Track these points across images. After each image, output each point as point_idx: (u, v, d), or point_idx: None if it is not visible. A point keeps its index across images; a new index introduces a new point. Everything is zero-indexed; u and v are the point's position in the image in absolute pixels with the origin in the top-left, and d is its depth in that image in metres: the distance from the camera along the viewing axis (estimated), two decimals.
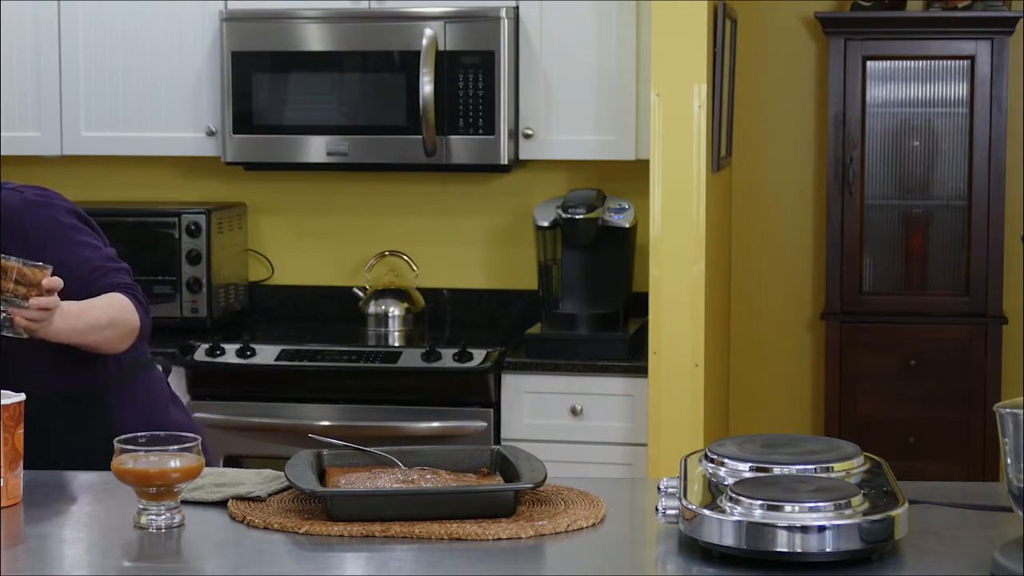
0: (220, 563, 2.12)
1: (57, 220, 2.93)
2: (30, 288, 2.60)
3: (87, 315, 2.78)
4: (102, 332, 2.81)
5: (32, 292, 2.60)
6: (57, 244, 2.86)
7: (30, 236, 2.86)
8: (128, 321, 2.86)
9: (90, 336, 2.79)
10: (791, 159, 5.08)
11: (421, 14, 4.38)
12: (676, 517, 2.11)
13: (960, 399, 4.77)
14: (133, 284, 2.94)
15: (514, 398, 4.25)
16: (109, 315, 2.82)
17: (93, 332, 2.79)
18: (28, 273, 2.60)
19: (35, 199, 2.95)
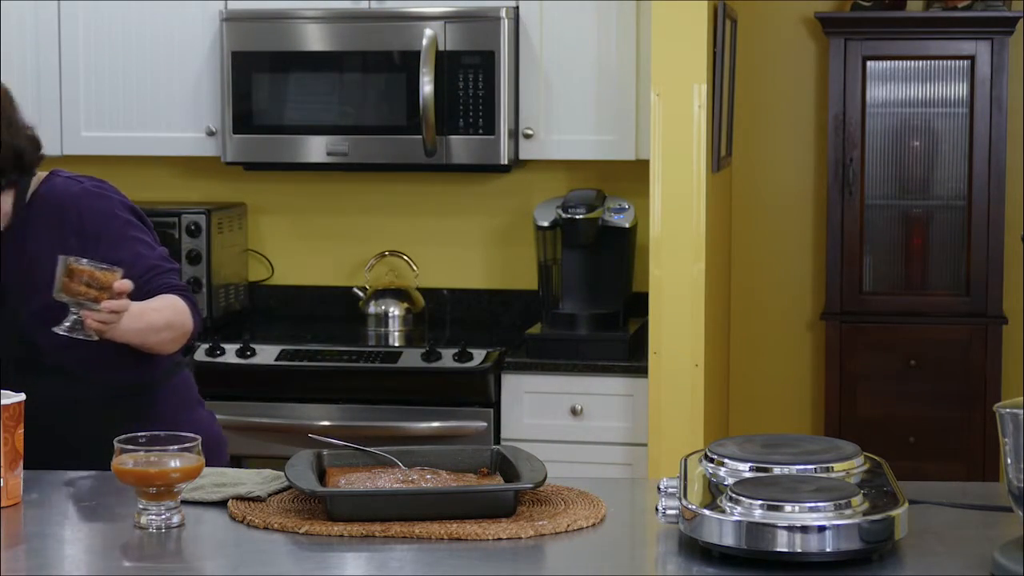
0: (220, 563, 2.12)
1: (114, 214, 2.92)
2: (101, 291, 2.59)
3: (147, 317, 2.77)
4: (160, 334, 2.81)
5: (103, 295, 2.60)
6: (112, 239, 2.85)
7: (86, 227, 2.85)
8: (183, 324, 2.86)
9: (150, 337, 2.80)
10: (791, 159, 5.08)
11: (421, 14, 4.38)
12: (676, 517, 2.11)
13: (960, 399, 4.77)
14: (186, 286, 2.94)
15: (514, 398, 4.25)
16: (166, 317, 2.82)
17: (152, 334, 2.80)
18: (100, 276, 2.59)
19: (94, 190, 2.95)
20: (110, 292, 2.60)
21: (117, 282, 2.61)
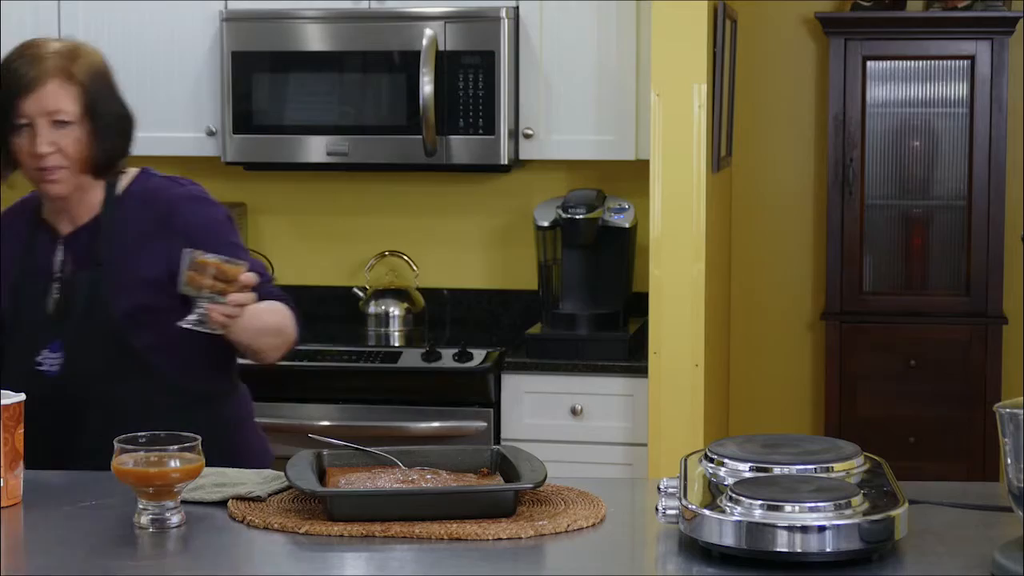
0: (220, 563, 2.12)
1: (219, 220, 2.91)
2: (228, 284, 2.57)
3: (263, 318, 2.75)
4: (271, 338, 2.80)
5: (230, 288, 2.58)
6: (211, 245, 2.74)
7: (192, 231, 2.81)
8: (290, 333, 2.85)
9: (262, 340, 2.78)
10: (791, 159, 5.08)
11: (421, 14, 4.38)
12: (676, 517, 2.11)
13: (960, 399, 4.77)
14: (288, 298, 2.90)
15: (514, 398, 4.25)
16: (278, 323, 2.81)
17: (264, 336, 2.78)
18: (227, 269, 2.58)
19: (198, 194, 2.93)
20: (236, 285, 2.58)
21: (243, 275, 2.59)
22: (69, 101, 2.78)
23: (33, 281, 2.84)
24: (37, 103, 2.76)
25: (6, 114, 2.78)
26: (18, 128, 2.78)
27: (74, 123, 2.78)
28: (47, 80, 2.77)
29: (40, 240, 2.87)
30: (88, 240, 2.84)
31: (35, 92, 2.76)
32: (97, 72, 2.87)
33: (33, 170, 2.80)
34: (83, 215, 2.87)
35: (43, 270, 2.84)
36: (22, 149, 2.79)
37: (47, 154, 2.77)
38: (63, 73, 2.79)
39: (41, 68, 2.78)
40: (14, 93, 2.77)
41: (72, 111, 2.78)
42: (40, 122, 2.77)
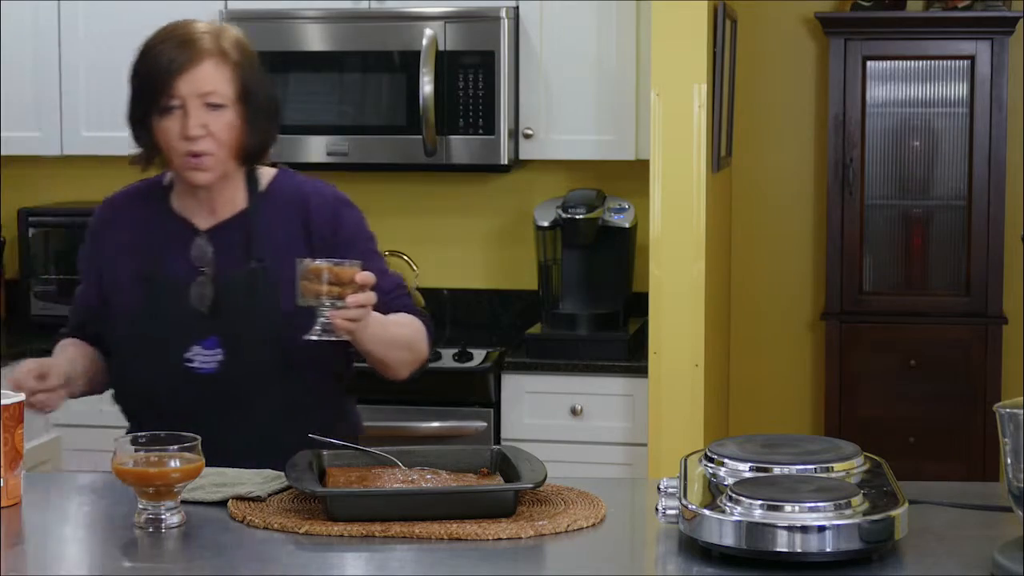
0: (220, 563, 2.12)
1: (363, 226, 2.82)
2: (344, 287, 2.49)
3: (392, 330, 2.66)
4: (400, 352, 2.70)
5: (347, 290, 2.49)
6: (359, 251, 2.69)
7: (340, 234, 2.74)
8: (421, 349, 2.75)
9: (391, 352, 2.68)
10: (791, 159, 5.08)
11: (421, 14, 4.38)
12: (676, 517, 2.11)
13: (960, 399, 4.77)
14: (425, 312, 2.81)
15: (514, 398, 4.25)
16: (409, 337, 2.71)
17: (395, 349, 2.68)
18: (340, 272, 2.49)
19: (345, 198, 2.83)
20: (353, 287, 2.49)
21: (359, 275, 2.50)
22: (224, 83, 2.67)
23: (172, 274, 2.72)
24: (191, 83, 2.65)
25: (156, 95, 2.67)
26: (168, 110, 2.67)
27: (227, 106, 2.67)
28: (202, 60, 2.66)
29: (174, 231, 2.75)
30: (237, 236, 2.73)
31: (189, 72, 2.65)
32: (249, 54, 2.76)
33: (180, 155, 2.68)
34: (224, 209, 2.75)
35: (183, 264, 2.72)
36: (170, 132, 2.67)
37: (198, 137, 2.65)
38: (218, 53, 2.68)
39: (196, 48, 2.67)
40: (167, 72, 2.65)
41: (226, 93, 2.67)
42: (192, 103, 2.65)
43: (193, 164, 2.67)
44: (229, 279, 2.70)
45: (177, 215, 2.78)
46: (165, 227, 2.77)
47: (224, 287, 2.70)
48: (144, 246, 2.76)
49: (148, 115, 2.71)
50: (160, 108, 2.68)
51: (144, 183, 2.88)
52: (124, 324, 2.72)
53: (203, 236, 2.74)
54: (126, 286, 2.74)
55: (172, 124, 2.67)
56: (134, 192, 2.89)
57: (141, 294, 2.72)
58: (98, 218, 2.87)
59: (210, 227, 2.75)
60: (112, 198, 2.90)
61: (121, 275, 2.75)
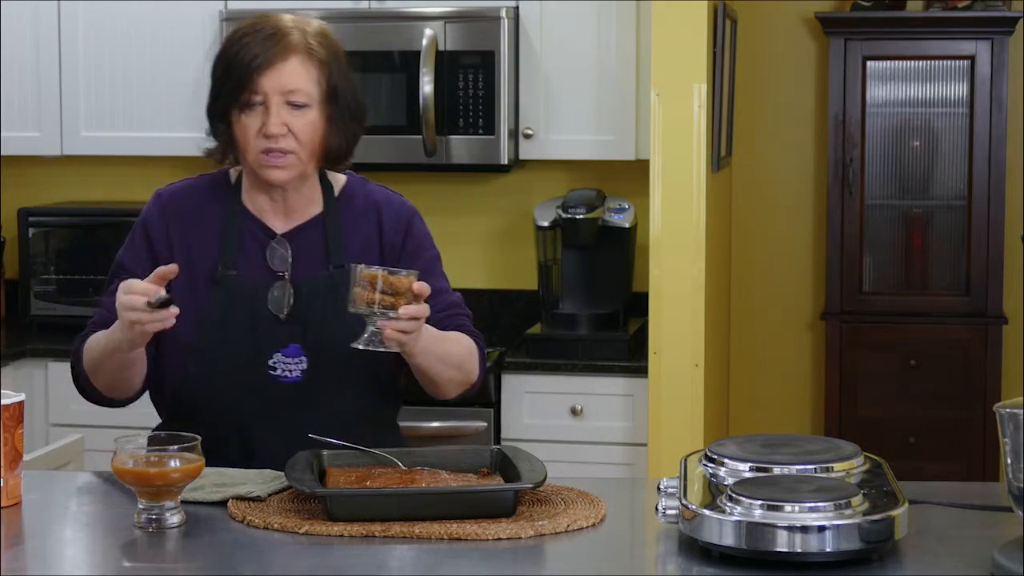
0: (220, 563, 2.12)
1: (430, 239, 2.75)
2: (397, 297, 2.40)
3: (444, 345, 2.58)
4: (450, 370, 2.61)
5: (400, 301, 2.40)
6: (423, 263, 2.64)
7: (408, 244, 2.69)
8: (471, 371, 2.67)
9: (441, 369, 2.60)
10: (791, 159, 5.08)
11: (421, 14, 4.38)
12: (676, 517, 2.11)
13: (960, 399, 4.77)
14: (480, 336, 2.72)
15: (514, 398, 4.25)
16: (461, 357, 2.63)
17: (445, 366, 2.60)
18: (395, 281, 2.41)
19: (414, 208, 2.77)
20: (407, 297, 2.41)
21: (415, 284, 2.42)
22: (309, 81, 2.57)
23: (247, 278, 2.62)
24: (275, 79, 2.54)
25: (237, 89, 2.56)
26: (249, 106, 2.56)
27: (311, 106, 2.57)
28: (289, 56, 2.56)
29: (247, 232, 2.65)
30: (314, 240, 2.65)
31: (274, 68, 2.55)
32: (337, 53, 2.64)
33: (257, 152, 2.58)
34: (300, 212, 2.67)
35: (257, 267, 2.63)
36: (249, 128, 2.57)
37: (277, 135, 2.56)
38: (306, 50, 2.58)
39: (284, 43, 2.56)
40: (251, 67, 2.54)
41: (311, 92, 2.57)
42: (275, 100, 2.55)
43: (270, 161, 2.58)
44: (309, 284, 2.61)
45: (250, 215, 2.67)
46: (237, 227, 2.66)
47: (304, 292, 2.61)
48: (214, 246, 2.65)
49: (228, 109, 2.59)
50: (241, 103, 2.57)
51: (206, 178, 2.75)
52: (191, 328, 2.58)
53: (280, 239, 2.65)
54: (195, 287, 2.62)
55: (253, 120, 2.57)
56: (197, 187, 2.73)
57: (212, 297, 2.62)
58: (153, 213, 2.70)
59: (288, 230, 2.66)
60: (170, 192, 2.73)
61: (188, 275, 2.61)
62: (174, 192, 2.73)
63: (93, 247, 4.63)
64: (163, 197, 2.72)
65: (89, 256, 4.63)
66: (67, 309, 4.63)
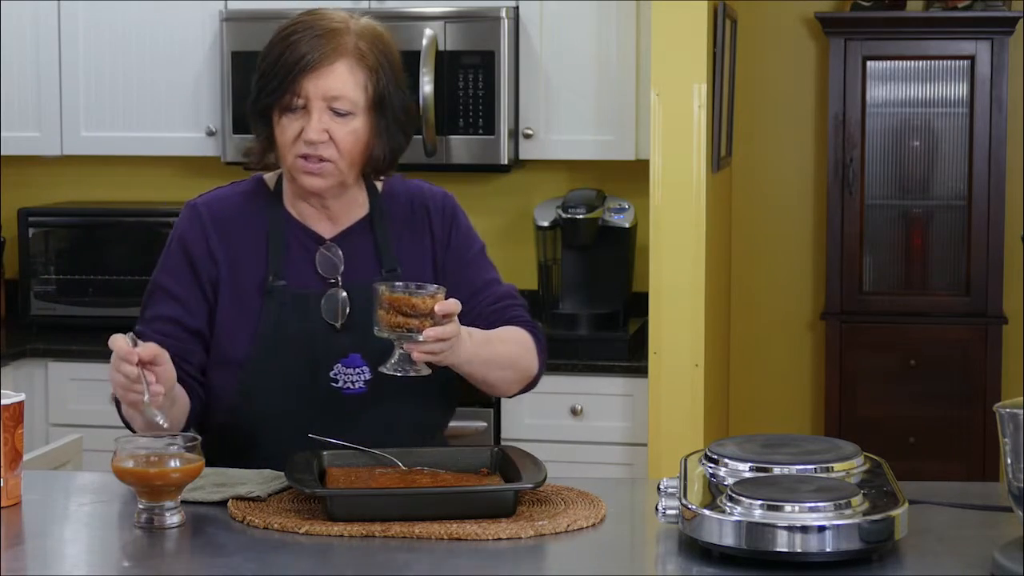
0: (220, 563, 2.12)
1: (473, 230, 2.65)
2: (423, 319, 2.30)
3: (492, 347, 2.47)
4: (502, 371, 2.51)
5: (425, 323, 2.30)
6: (472, 259, 2.57)
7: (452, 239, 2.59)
8: (528, 366, 2.56)
9: (491, 372, 2.50)
10: (791, 159, 5.08)
11: (421, 14, 4.38)
12: (676, 517, 2.11)
13: (960, 399, 4.77)
14: (536, 324, 2.61)
15: (514, 398, 4.24)
16: (513, 354, 2.52)
17: (496, 368, 2.50)
18: (418, 303, 2.30)
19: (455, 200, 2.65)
20: (433, 318, 2.30)
21: (439, 305, 2.30)
22: (355, 88, 2.44)
23: (298, 287, 2.52)
24: (319, 83, 2.42)
25: (279, 90, 2.44)
26: (291, 108, 2.45)
27: (355, 114, 2.45)
28: (336, 60, 2.43)
29: (294, 239, 2.55)
30: (364, 243, 2.56)
31: (320, 71, 2.42)
32: (390, 58, 2.50)
33: (294, 156, 2.46)
34: (345, 216, 2.57)
35: (308, 275, 2.53)
36: (288, 131, 2.45)
37: (317, 142, 2.44)
38: (356, 54, 2.45)
39: (332, 45, 2.44)
40: (296, 69, 2.42)
41: (356, 100, 2.45)
42: (317, 105, 2.43)
43: (308, 167, 2.46)
44: (363, 290, 2.47)
45: (295, 221, 2.57)
46: (283, 234, 2.55)
47: (358, 299, 2.50)
48: (261, 256, 2.54)
49: (270, 109, 2.48)
50: (283, 105, 2.45)
51: (240, 185, 2.62)
52: (241, 345, 2.50)
53: (329, 245, 2.56)
54: (243, 301, 2.52)
55: (293, 124, 2.45)
56: (233, 196, 2.61)
57: (263, 310, 2.51)
58: (191, 226, 2.57)
59: (335, 235, 2.56)
60: (205, 202, 2.59)
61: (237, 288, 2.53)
62: (210, 202, 2.59)
63: (93, 247, 4.63)
64: (199, 207, 2.59)
65: (89, 256, 4.63)
66: (67, 309, 4.63)
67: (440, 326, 2.31)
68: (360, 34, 2.48)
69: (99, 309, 4.61)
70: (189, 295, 2.54)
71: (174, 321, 2.53)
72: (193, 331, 2.54)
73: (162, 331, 2.51)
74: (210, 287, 2.54)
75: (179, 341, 2.51)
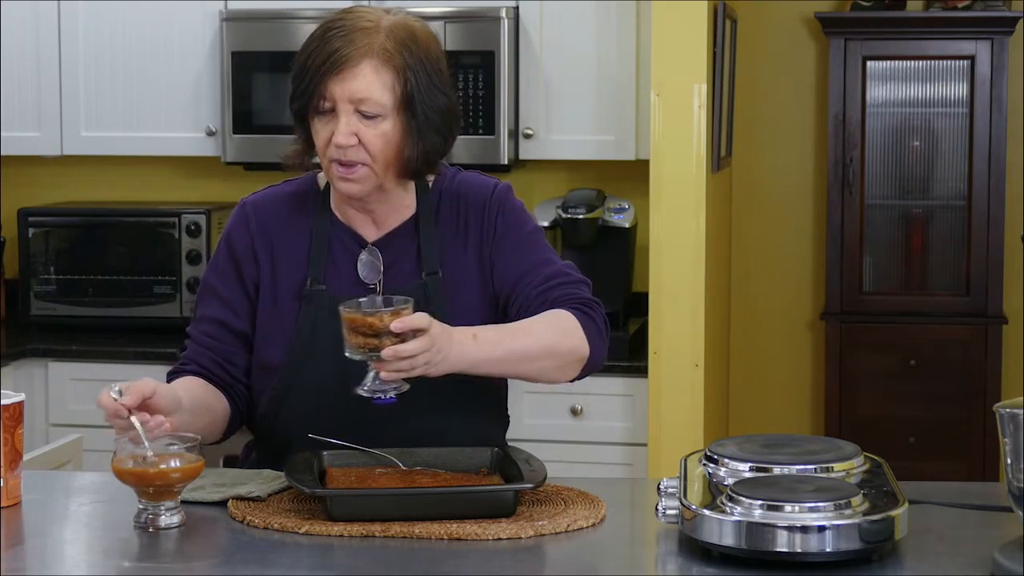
0: (220, 563, 2.12)
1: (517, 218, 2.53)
2: (385, 338, 2.22)
3: (510, 342, 2.36)
4: (534, 363, 2.39)
5: (386, 342, 2.22)
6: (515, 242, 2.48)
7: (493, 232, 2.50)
8: (571, 350, 2.42)
9: (519, 367, 2.39)
10: (791, 159, 5.08)
11: (421, 14, 4.35)
12: (676, 517, 2.11)
13: (960, 399, 4.78)
14: (592, 301, 2.50)
15: (514, 398, 4.22)
16: (545, 342, 2.38)
17: (521, 363, 2.38)
18: (374, 321, 2.21)
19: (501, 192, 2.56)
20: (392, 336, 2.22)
21: (395, 323, 2.20)
22: (382, 90, 2.37)
23: (337, 292, 2.45)
24: (345, 86, 2.36)
25: (308, 93, 2.39)
26: (321, 112, 2.39)
27: (383, 116, 2.38)
28: (361, 61, 2.36)
29: (338, 242, 2.50)
30: (407, 246, 2.50)
31: (343, 73, 2.36)
32: (424, 56, 2.41)
33: (329, 161, 2.41)
34: (392, 218, 2.50)
35: (349, 279, 2.48)
36: (320, 134, 2.40)
37: (346, 146, 2.38)
38: (382, 55, 2.37)
39: (357, 45, 2.37)
40: (321, 70, 2.36)
41: (384, 102, 2.37)
42: (344, 108, 2.37)
43: (341, 173, 2.41)
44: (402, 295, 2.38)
45: (341, 224, 2.52)
46: (327, 238, 2.50)
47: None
48: (303, 259, 2.50)
49: (304, 111, 2.43)
50: (314, 108, 2.40)
51: (292, 184, 2.59)
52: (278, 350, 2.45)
53: (371, 249, 2.51)
54: (281, 305, 2.48)
55: (325, 127, 2.40)
56: (285, 196, 2.57)
57: (301, 314, 2.47)
58: (238, 226, 2.55)
59: (379, 238, 2.51)
60: (254, 202, 2.57)
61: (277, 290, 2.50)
62: (258, 202, 2.56)
63: (93, 247, 4.63)
64: (247, 207, 2.56)
65: (89, 256, 4.63)
66: (67, 309, 4.63)
67: (406, 342, 2.22)
68: (390, 32, 2.40)
69: (99, 309, 4.61)
70: (234, 296, 2.52)
71: (219, 323, 2.52)
72: (237, 332, 2.53)
73: (208, 332, 2.52)
74: (253, 288, 2.52)
75: (224, 343, 2.52)
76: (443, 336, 2.27)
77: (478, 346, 2.34)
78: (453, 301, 2.49)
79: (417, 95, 2.40)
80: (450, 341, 2.29)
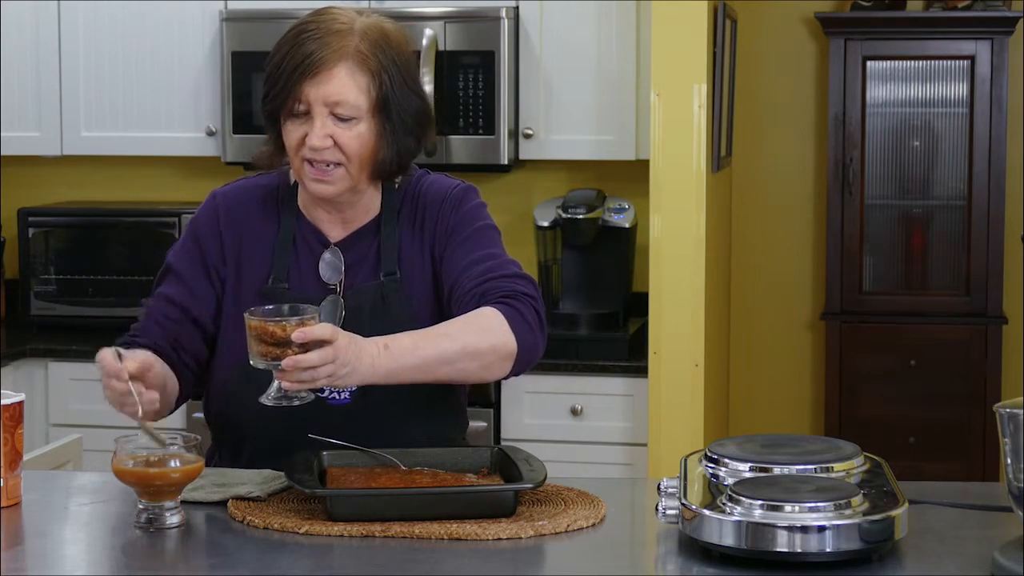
0: (220, 563, 2.12)
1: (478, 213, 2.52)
2: (284, 347, 2.20)
3: (425, 348, 2.29)
4: (453, 365, 2.33)
5: (288, 351, 2.19)
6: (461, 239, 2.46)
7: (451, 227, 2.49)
8: (495, 347, 2.35)
9: (439, 371, 2.33)
10: (791, 159, 5.08)
11: (421, 14, 4.38)
12: (676, 517, 2.11)
13: (960, 399, 4.77)
14: (522, 294, 2.41)
15: (514, 398, 4.25)
16: (462, 343, 2.32)
17: (439, 367, 2.32)
18: (276, 330, 2.19)
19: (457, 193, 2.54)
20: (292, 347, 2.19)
21: (296, 333, 2.18)
22: (357, 93, 2.37)
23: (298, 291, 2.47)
24: (320, 89, 2.36)
25: (282, 95, 2.38)
26: (295, 114, 2.39)
27: (358, 119, 2.39)
28: (335, 64, 2.36)
29: (303, 241, 2.50)
30: (369, 247, 2.50)
31: (318, 75, 2.36)
32: (398, 59, 2.42)
33: (300, 161, 2.41)
34: (359, 218, 2.51)
35: (310, 279, 2.49)
36: (292, 136, 2.40)
37: (321, 148, 2.38)
38: (356, 57, 2.37)
39: (331, 48, 2.37)
40: (295, 73, 2.36)
41: (358, 105, 2.38)
42: (319, 111, 2.37)
43: (314, 175, 2.41)
44: (357, 296, 2.46)
45: (307, 222, 2.52)
46: (292, 236, 2.50)
47: (351, 306, 2.46)
48: (267, 256, 2.50)
49: (277, 113, 2.43)
50: (287, 110, 2.40)
51: (264, 178, 2.57)
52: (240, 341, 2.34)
53: (333, 249, 2.51)
54: (243, 301, 2.45)
55: (298, 129, 2.40)
56: (254, 189, 2.56)
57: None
58: (206, 216, 2.55)
59: (342, 238, 2.51)
60: (224, 193, 2.56)
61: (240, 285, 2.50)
62: (228, 194, 2.56)
63: (93, 247, 4.63)
64: (217, 199, 2.56)
65: (89, 256, 4.63)
66: (67, 309, 4.63)
67: (308, 353, 2.19)
68: (364, 34, 2.40)
69: (99, 309, 4.61)
70: (196, 283, 2.51)
71: (177, 304, 2.51)
72: (193, 319, 2.52)
73: (164, 312, 2.51)
74: (218, 279, 2.53)
75: (178, 324, 2.50)
76: (350, 348, 2.23)
77: (391, 356, 2.28)
78: (411, 302, 2.49)
79: (392, 97, 2.41)
80: (359, 353, 2.24)
